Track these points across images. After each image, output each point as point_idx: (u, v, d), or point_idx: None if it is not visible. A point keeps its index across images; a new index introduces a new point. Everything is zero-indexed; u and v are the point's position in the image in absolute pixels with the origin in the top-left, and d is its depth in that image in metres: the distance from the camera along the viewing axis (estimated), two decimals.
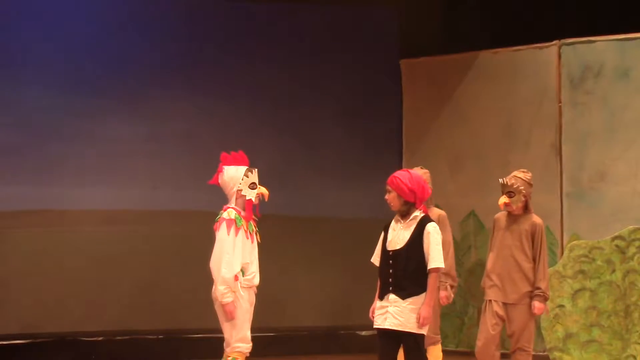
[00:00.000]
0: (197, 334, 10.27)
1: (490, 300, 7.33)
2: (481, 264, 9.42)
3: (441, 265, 6.19)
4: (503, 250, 7.30)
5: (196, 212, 10.51)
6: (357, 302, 10.54)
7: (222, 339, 6.76)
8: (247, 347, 6.61)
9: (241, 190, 6.67)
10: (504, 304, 7.32)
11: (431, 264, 6.18)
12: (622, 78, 9.48)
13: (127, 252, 10.26)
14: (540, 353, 9.26)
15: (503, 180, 7.35)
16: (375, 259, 6.45)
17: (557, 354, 8.46)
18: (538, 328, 8.88)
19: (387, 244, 6.35)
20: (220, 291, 6.49)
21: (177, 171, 10.50)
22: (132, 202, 10.36)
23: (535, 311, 7.25)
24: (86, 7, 10.31)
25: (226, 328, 6.61)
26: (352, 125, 10.94)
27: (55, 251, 10.12)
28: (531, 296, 7.26)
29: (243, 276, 6.56)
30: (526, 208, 7.37)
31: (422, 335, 6.21)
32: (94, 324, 10.15)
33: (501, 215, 7.47)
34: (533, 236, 7.31)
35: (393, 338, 6.23)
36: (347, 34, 10.93)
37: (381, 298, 6.30)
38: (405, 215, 6.28)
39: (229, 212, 6.61)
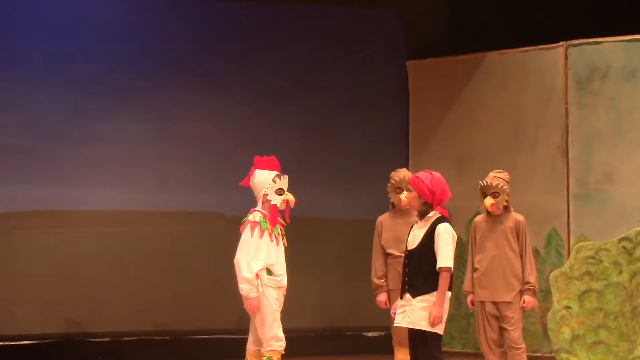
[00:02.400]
0: (203, 335, 10.29)
1: (482, 302, 7.38)
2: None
3: (447, 264, 6.22)
4: (490, 251, 7.36)
5: (202, 213, 10.54)
6: (363, 302, 10.56)
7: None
8: (280, 345, 6.70)
9: (267, 194, 6.70)
10: (496, 303, 7.35)
11: (438, 264, 6.24)
12: (629, 79, 9.47)
13: (133, 253, 10.26)
14: (547, 355, 9.25)
15: (485, 182, 7.42)
16: None
17: (563, 355, 8.45)
18: (545, 330, 8.87)
19: (408, 244, 6.45)
20: (244, 289, 6.66)
21: (184, 172, 10.50)
22: (137, 203, 10.37)
23: (526, 305, 7.31)
24: (95, 7, 10.32)
25: (258, 328, 6.69)
26: (358, 126, 10.94)
27: (61, 252, 10.13)
28: (522, 292, 7.32)
29: (269, 276, 6.65)
30: (506, 207, 7.42)
31: (435, 334, 6.23)
32: (100, 324, 10.16)
33: (480, 218, 7.53)
34: (518, 234, 7.38)
35: (412, 337, 6.35)
36: (354, 35, 10.93)
37: (401, 297, 6.41)
38: (423, 215, 6.36)
39: (254, 215, 6.78)
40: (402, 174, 7.98)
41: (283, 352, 6.78)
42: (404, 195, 7.87)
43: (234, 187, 10.59)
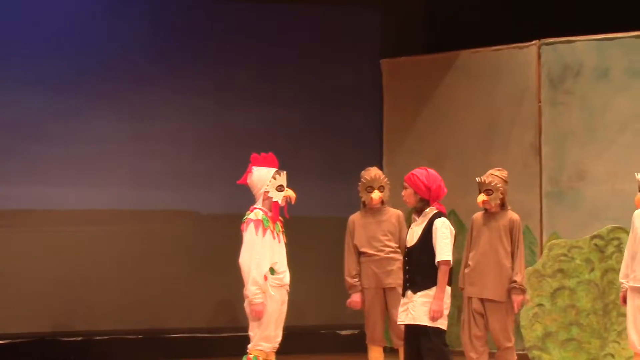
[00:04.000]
0: (179, 334, 10.26)
1: (470, 298, 7.37)
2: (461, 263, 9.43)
3: (446, 258, 6.24)
4: (483, 247, 7.36)
5: (178, 211, 10.52)
6: (337, 301, 10.57)
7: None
8: (269, 346, 6.67)
9: (268, 191, 6.67)
10: (483, 300, 7.37)
11: (437, 258, 6.26)
12: (601, 78, 9.52)
13: (111, 252, 10.23)
14: (520, 352, 9.28)
15: (480, 179, 7.44)
16: None
17: (536, 352, 8.49)
18: (517, 327, 8.91)
19: (406, 241, 6.48)
20: (252, 291, 6.58)
21: (159, 171, 10.48)
22: (113, 202, 10.34)
23: (514, 304, 7.32)
24: (71, 6, 10.28)
25: (253, 326, 6.67)
26: (332, 124, 10.95)
27: (39, 251, 10.09)
28: (509, 291, 7.33)
29: (272, 275, 6.61)
30: (503, 205, 7.45)
31: (438, 329, 6.23)
32: (75, 323, 10.12)
33: (478, 215, 7.54)
34: (511, 232, 7.40)
35: (413, 333, 6.30)
36: (328, 33, 10.94)
37: (403, 295, 6.41)
38: (420, 212, 6.37)
39: (256, 213, 6.70)
40: (372, 172, 7.98)
41: (269, 353, 6.71)
42: (375, 194, 7.88)
43: (209, 186, 10.63)
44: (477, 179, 7.45)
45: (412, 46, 10.81)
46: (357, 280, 7.88)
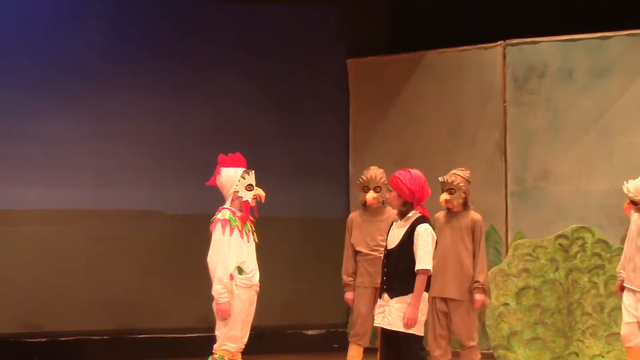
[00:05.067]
0: (144, 335, 10.21)
1: (434, 298, 7.40)
2: None
3: (425, 267, 6.20)
4: (445, 247, 7.38)
5: (141, 211, 10.46)
6: (304, 301, 10.58)
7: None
8: (234, 346, 6.63)
9: (238, 191, 6.67)
10: (446, 300, 7.40)
11: (417, 266, 6.22)
12: (565, 79, 9.59)
13: (72, 252, 10.16)
14: (485, 351, 9.33)
15: (443, 178, 7.47)
16: None
17: (501, 351, 8.53)
18: (483, 326, 8.95)
19: (387, 242, 6.42)
20: (217, 291, 6.56)
21: (122, 171, 10.42)
22: (77, 202, 10.27)
23: (476, 304, 7.36)
24: (29, 6, 10.19)
25: (219, 326, 6.65)
26: (299, 125, 10.93)
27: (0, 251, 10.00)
28: (471, 290, 7.38)
29: (240, 275, 6.58)
30: (465, 205, 7.48)
31: (414, 335, 6.23)
32: (37, 324, 10.04)
33: (440, 214, 7.57)
34: (473, 232, 7.43)
35: (391, 337, 6.28)
36: (294, 33, 10.92)
37: (380, 296, 6.38)
38: (403, 215, 6.33)
39: (224, 213, 6.68)
40: (370, 173, 7.94)
41: (234, 353, 6.68)
42: (369, 195, 7.85)
43: (172, 185, 10.59)
44: (440, 179, 7.48)
45: (378, 46, 10.83)
46: (351, 279, 7.88)
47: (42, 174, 10.18)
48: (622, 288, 7.26)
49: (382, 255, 7.79)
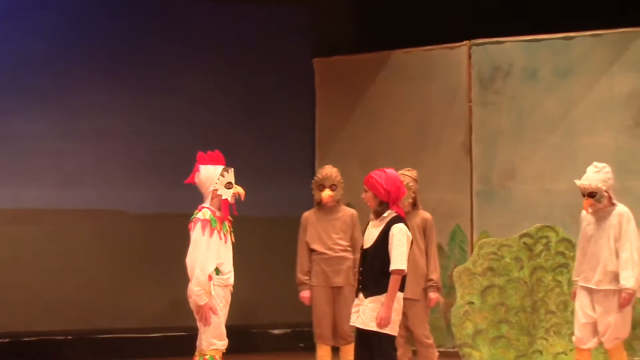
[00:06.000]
0: (107, 335, 10.15)
1: None
2: None
3: (400, 267, 6.20)
4: None
5: (105, 211, 10.41)
6: (269, 300, 10.56)
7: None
8: (222, 344, 6.58)
9: (217, 189, 6.60)
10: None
11: (391, 266, 6.22)
12: (530, 79, 9.66)
13: (34, 252, 10.09)
14: (450, 349, 9.37)
15: None
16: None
17: (466, 350, 8.56)
18: (448, 325, 8.98)
19: (363, 242, 6.43)
20: (195, 292, 6.47)
21: (86, 170, 10.37)
22: (39, 201, 10.20)
23: (431, 303, 7.41)
24: None
25: (202, 327, 6.57)
26: (265, 124, 10.92)
27: None
28: (425, 289, 7.43)
29: (217, 275, 6.53)
30: (414, 205, 7.50)
31: (387, 335, 6.23)
32: (0, 325, 9.96)
33: None
34: (424, 231, 7.47)
35: (365, 337, 6.29)
36: (260, 32, 10.91)
37: (356, 296, 6.38)
38: (378, 215, 6.33)
39: (204, 213, 6.56)
40: (325, 171, 7.96)
41: (224, 351, 6.67)
42: (325, 193, 7.86)
43: (135, 185, 10.54)
44: None
45: (344, 45, 10.84)
46: (307, 277, 7.87)
47: (4, 174, 10.10)
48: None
49: (337, 254, 7.85)
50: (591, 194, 7.17)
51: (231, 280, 6.65)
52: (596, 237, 7.24)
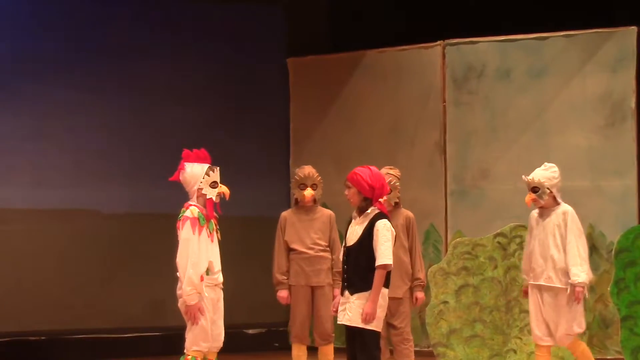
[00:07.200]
0: (78, 335, 10.10)
1: None
2: None
3: (386, 262, 6.21)
4: None
5: (78, 210, 10.37)
6: (244, 300, 10.54)
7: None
8: (206, 345, 6.52)
9: (202, 188, 6.54)
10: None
11: (377, 261, 6.22)
12: (503, 79, 9.70)
13: (7, 252, 10.03)
14: (425, 349, 9.40)
15: None
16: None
17: (441, 349, 8.59)
18: (423, 324, 9.01)
19: (346, 240, 6.42)
20: (187, 292, 6.39)
21: (59, 169, 10.31)
22: (12, 201, 10.14)
23: (418, 302, 7.42)
24: None
25: (189, 326, 6.51)
26: (239, 124, 10.91)
27: None
28: (412, 288, 7.44)
29: (207, 275, 6.48)
30: (397, 203, 7.52)
31: (372, 331, 6.23)
32: None
33: None
34: (408, 229, 7.48)
35: (352, 334, 6.29)
36: (234, 31, 10.90)
37: (342, 294, 6.37)
38: (362, 211, 6.33)
39: (192, 210, 6.47)
40: (306, 170, 7.95)
41: (206, 353, 6.62)
42: (307, 192, 7.86)
43: (108, 185, 10.50)
44: None
45: (318, 45, 10.84)
46: (285, 277, 7.87)
47: None
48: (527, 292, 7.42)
49: (317, 253, 7.85)
50: (534, 189, 7.33)
51: (220, 279, 6.62)
52: (542, 236, 7.34)
